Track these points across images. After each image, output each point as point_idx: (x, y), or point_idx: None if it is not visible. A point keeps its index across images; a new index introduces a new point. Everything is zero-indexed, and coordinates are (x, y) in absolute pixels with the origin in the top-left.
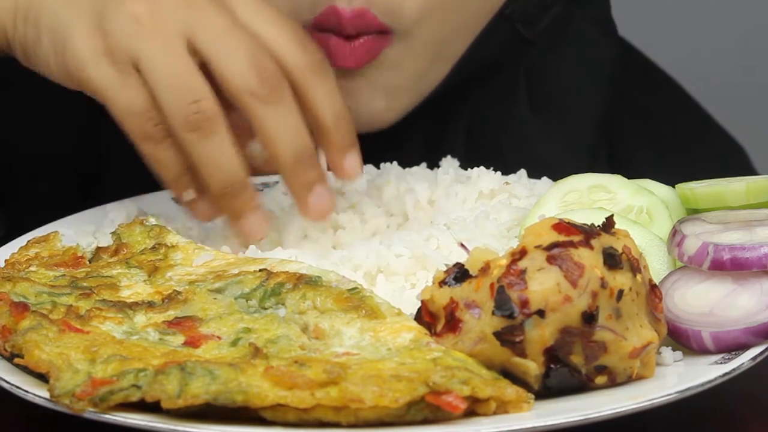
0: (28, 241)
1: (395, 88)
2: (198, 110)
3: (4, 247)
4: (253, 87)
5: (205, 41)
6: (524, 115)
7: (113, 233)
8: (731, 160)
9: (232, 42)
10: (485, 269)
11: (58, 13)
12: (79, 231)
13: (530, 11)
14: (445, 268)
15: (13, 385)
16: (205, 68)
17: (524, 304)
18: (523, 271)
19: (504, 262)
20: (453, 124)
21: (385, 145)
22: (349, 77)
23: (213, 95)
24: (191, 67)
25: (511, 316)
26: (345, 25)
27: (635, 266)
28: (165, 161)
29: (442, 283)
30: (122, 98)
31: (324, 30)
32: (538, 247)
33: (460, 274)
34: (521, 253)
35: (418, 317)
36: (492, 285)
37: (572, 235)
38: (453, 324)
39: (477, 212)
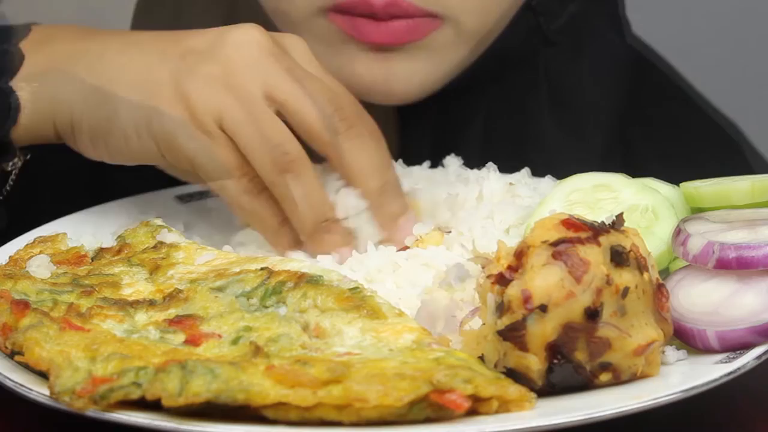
0: (35, 239)
1: (436, 70)
2: (285, 152)
3: (8, 244)
4: (333, 123)
5: (281, 90)
6: (543, 114)
7: (118, 236)
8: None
9: (307, 88)
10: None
11: (138, 90)
12: (81, 230)
13: (552, 4)
14: (445, 269)
15: (13, 382)
16: (282, 118)
17: (527, 299)
18: (526, 267)
19: (504, 262)
20: (469, 119)
21: (397, 138)
22: (387, 51)
23: (296, 139)
24: (271, 114)
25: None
26: (377, 12)
27: (642, 264)
28: (264, 214)
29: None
30: (215, 160)
31: (352, 14)
32: (544, 242)
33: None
34: (525, 249)
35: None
36: (493, 285)
37: (580, 231)
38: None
39: (481, 211)
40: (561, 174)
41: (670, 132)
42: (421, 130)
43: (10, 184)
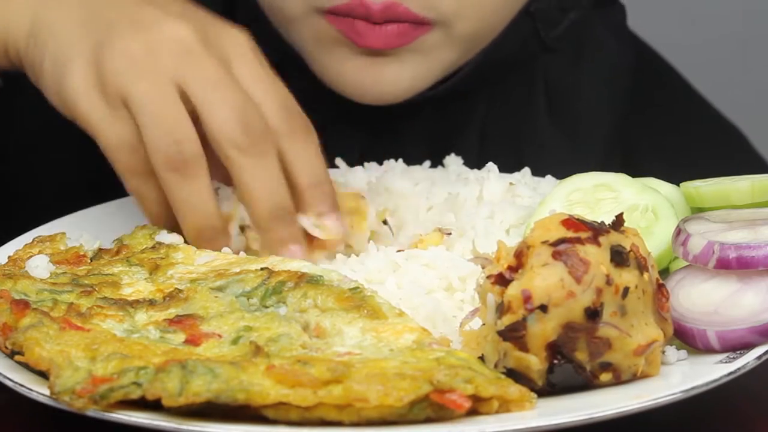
0: (34, 239)
1: (425, 71)
2: (179, 151)
3: (8, 244)
4: (237, 138)
5: (195, 89)
6: (541, 119)
7: (116, 240)
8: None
9: (222, 94)
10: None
11: (61, 42)
12: (81, 230)
13: (552, 11)
14: (445, 269)
15: (13, 382)
16: (194, 117)
17: (527, 299)
18: (527, 267)
19: (504, 262)
20: (467, 123)
21: (392, 140)
22: (378, 55)
23: (197, 141)
24: (178, 109)
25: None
26: (373, 15)
27: (642, 264)
28: (148, 197)
29: None
30: (111, 132)
31: (349, 17)
32: (544, 242)
33: None
34: (525, 249)
35: None
36: (493, 285)
37: (580, 231)
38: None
39: (481, 212)
40: (560, 176)
41: (674, 132)
42: (419, 135)
43: None
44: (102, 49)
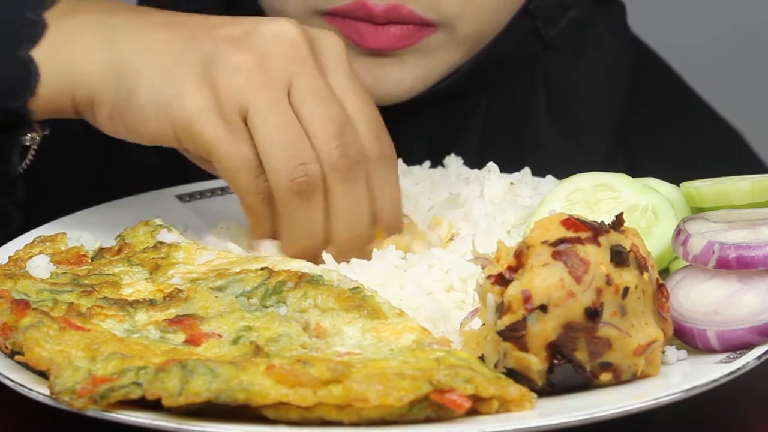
0: (34, 239)
1: (427, 72)
2: (305, 174)
3: (8, 244)
4: (335, 160)
5: (302, 99)
6: (541, 119)
7: (118, 236)
8: (737, 159)
9: (326, 109)
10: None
11: (163, 71)
12: (81, 230)
13: (551, 9)
14: (447, 269)
15: (13, 382)
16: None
17: (527, 299)
18: (526, 267)
19: (504, 262)
20: (467, 123)
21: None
22: (381, 56)
23: (317, 161)
24: (297, 125)
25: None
26: (376, 17)
27: (642, 264)
28: (265, 216)
29: None
30: (233, 153)
31: (351, 18)
32: (544, 242)
33: None
34: (525, 249)
35: None
36: (493, 285)
37: (580, 231)
38: None
39: (482, 211)
40: (561, 176)
41: (674, 132)
42: (419, 135)
43: (30, 158)
44: (214, 69)
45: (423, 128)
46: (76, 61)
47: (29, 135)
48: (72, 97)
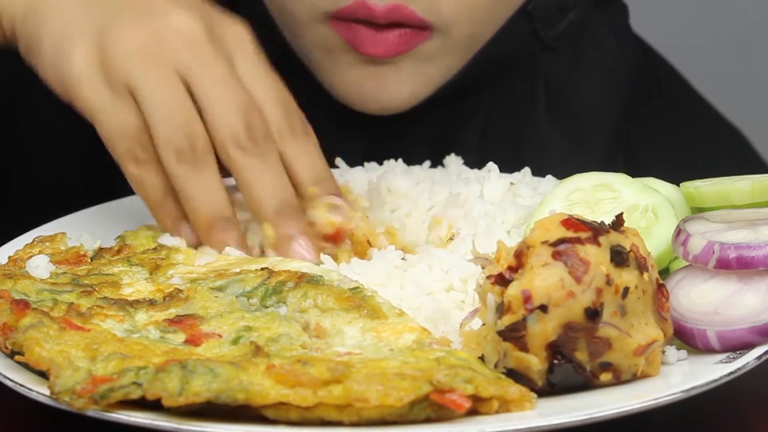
0: (34, 239)
1: (424, 79)
2: (191, 143)
3: (8, 244)
4: (240, 139)
5: (201, 85)
6: (542, 119)
7: (118, 237)
8: (740, 159)
9: (226, 92)
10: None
11: (64, 19)
12: (81, 230)
13: (550, 11)
14: (447, 270)
15: (13, 382)
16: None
17: (527, 299)
18: (526, 267)
19: (504, 262)
20: (467, 123)
21: (393, 141)
22: (379, 64)
23: (207, 136)
24: (189, 104)
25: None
26: (377, 18)
27: (642, 264)
28: (149, 184)
29: None
30: (113, 118)
31: (352, 20)
32: (544, 242)
33: None
34: (525, 249)
35: None
36: (493, 285)
37: (580, 231)
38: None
39: (482, 212)
40: (561, 176)
41: (674, 132)
42: (419, 135)
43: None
44: (108, 33)
45: (424, 129)
46: None
47: None
48: (0, 24)
